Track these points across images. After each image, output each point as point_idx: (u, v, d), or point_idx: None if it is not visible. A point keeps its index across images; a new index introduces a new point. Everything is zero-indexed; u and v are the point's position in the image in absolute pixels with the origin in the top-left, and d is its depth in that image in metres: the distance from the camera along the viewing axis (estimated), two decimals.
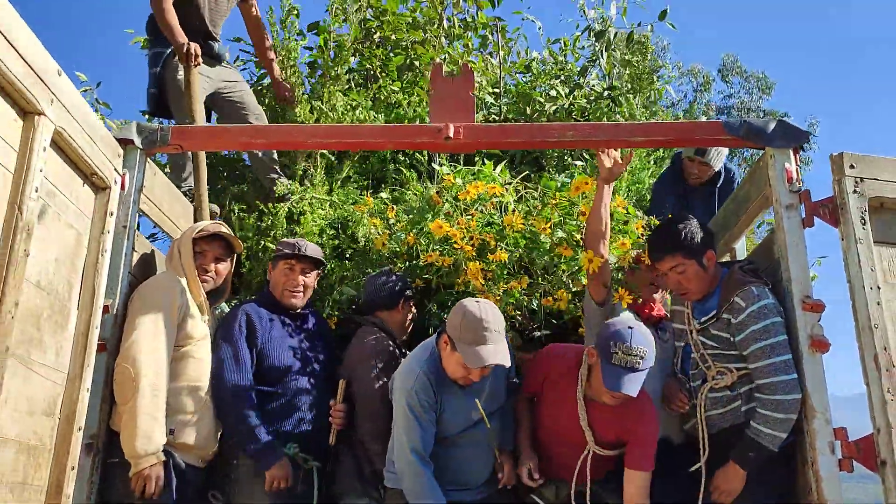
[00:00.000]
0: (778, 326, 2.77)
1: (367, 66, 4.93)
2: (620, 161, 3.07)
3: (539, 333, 3.40)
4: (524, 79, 5.69)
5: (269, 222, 4.02)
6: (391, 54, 4.94)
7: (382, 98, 4.78)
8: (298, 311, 3.26)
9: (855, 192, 2.84)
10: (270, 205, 4.09)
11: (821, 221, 2.93)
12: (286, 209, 4.06)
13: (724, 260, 3.38)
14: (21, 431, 2.24)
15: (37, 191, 2.14)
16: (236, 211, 4.26)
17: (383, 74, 4.91)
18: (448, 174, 3.68)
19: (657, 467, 2.84)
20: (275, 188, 4.20)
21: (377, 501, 3.04)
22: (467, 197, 3.44)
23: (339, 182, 4.39)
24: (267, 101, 4.92)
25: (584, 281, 3.22)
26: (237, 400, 2.99)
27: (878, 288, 2.75)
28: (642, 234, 3.36)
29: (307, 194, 4.15)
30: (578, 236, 3.31)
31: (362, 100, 4.54)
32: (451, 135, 3.05)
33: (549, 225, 3.30)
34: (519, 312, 3.32)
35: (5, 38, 1.94)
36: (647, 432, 2.83)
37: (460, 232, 3.30)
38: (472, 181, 3.58)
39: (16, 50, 2.00)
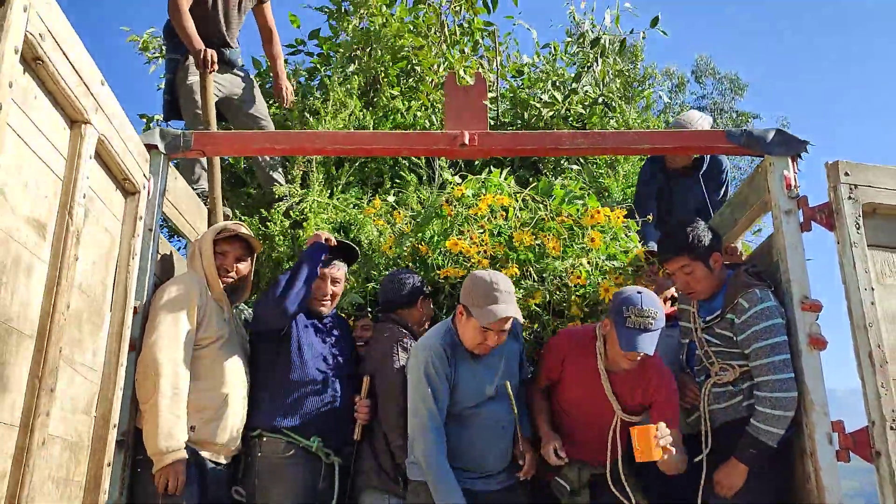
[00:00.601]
0: (779, 327, 2.92)
1: (370, 70, 5.02)
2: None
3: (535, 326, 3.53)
4: (517, 82, 5.83)
5: (273, 229, 4.09)
6: (390, 61, 5.03)
7: (382, 104, 4.88)
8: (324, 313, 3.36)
9: (850, 198, 3.00)
10: (272, 210, 4.17)
11: (817, 226, 3.09)
12: (282, 209, 4.14)
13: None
14: (66, 429, 2.31)
15: (84, 197, 2.22)
16: (238, 215, 4.34)
17: (384, 80, 5.00)
18: (459, 185, 3.77)
19: None
20: (273, 188, 4.28)
21: (396, 496, 3.12)
22: (479, 212, 3.55)
23: (339, 187, 4.49)
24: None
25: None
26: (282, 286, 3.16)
27: (872, 289, 2.90)
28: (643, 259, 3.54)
29: (308, 197, 4.23)
30: (584, 262, 3.44)
31: (361, 113, 4.65)
32: (467, 142, 3.16)
33: (558, 242, 3.41)
34: (535, 324, 3.45)
35: (61, 49, 2.02)
36: (668, 391, 3.01)
37: (475, 248, 3.42)
38: (479, 190, 3.69)
39: (69, 61, 2.08)
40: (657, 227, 4.05)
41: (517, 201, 3.61)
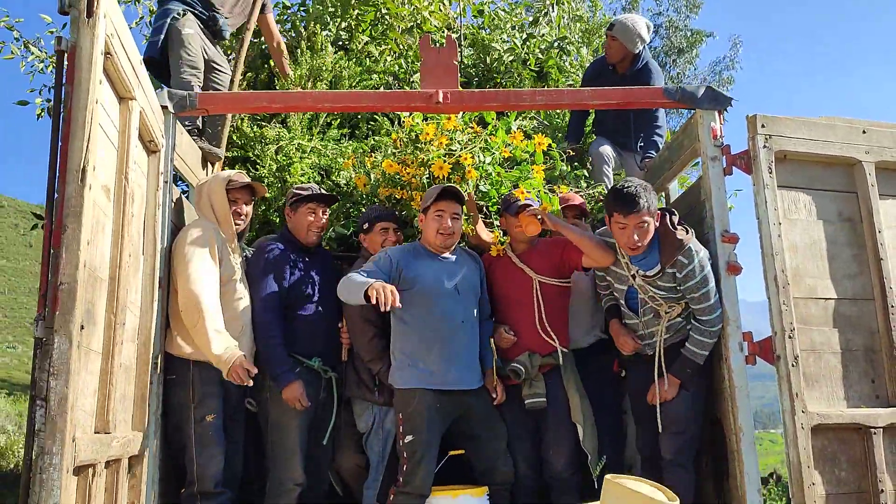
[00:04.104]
0: (710, 274, 3.47)
1: (347, 21, 5.33)
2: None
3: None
4: (478, 22, 6.17)
5: (262, 172, 4.49)
6: (363, 8, 5.36)
7: (355, 51, 5.22)
8: (313, 248, 3.83)
9: (765, 146, 3.57)
10: (263, 155, 4.54)
11: (738, 170, 3.67)
12: (271, 152, 4.53)
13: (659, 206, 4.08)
14: (125, 355, 2.80)
15: (135, 162, 2.64)
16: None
17: (358, 30, 5.34)
18: (407, 116, 4.13)
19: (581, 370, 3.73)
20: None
21: (376, 403, 3.72)
22: (427, 137, 3.92)
23: (320, 129, 4.87)
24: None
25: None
26: (267, 334, 3.57)
27: (780, 224, 3.52)
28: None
29: (294, 141, 4.61)
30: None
31: (346, 63, 5.01)
32: (441, 100, 3.62)
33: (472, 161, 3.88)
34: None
35: (121, 41, 2.40)
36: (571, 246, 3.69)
37: (411, 168, 3.86)
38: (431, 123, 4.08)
39: (124, 48, 2.46)
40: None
41: (463, 131, 3.99)
